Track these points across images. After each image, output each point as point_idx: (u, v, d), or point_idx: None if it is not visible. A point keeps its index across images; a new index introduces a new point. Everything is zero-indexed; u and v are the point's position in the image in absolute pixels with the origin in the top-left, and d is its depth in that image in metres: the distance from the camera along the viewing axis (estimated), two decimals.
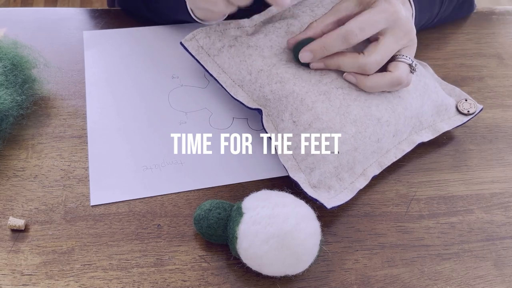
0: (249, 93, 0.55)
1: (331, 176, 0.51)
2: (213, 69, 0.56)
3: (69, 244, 0.48)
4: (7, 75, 0.53)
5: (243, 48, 0.56)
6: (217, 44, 0.57)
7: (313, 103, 0.52)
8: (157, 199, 0.52)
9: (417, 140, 0.57)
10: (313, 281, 0.48)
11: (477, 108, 0.60)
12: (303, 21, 0.58)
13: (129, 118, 0.58)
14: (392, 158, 0.55)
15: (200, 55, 0.57)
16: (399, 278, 0.49)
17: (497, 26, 0.75)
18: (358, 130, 0.52)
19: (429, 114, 0.58)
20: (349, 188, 0.52)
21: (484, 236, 0.53)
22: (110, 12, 0.69)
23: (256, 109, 0.54)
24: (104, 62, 0.63)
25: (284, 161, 0.52)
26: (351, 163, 0.52)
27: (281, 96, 0.53)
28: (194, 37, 0.58)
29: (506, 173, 0.58)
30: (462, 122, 0.59)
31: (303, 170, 0.51)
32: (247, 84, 0.55)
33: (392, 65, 0.53)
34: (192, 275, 0.47)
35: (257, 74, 0.54)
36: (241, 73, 0.55)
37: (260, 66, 0.54)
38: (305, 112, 0.52)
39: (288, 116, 0.52)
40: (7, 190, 0.51)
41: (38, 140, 0.55)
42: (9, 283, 0.45)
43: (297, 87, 0.53)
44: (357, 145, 0.52)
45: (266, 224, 0.44)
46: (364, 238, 0.51)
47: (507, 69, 0.69)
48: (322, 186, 0.51)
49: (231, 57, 0.56)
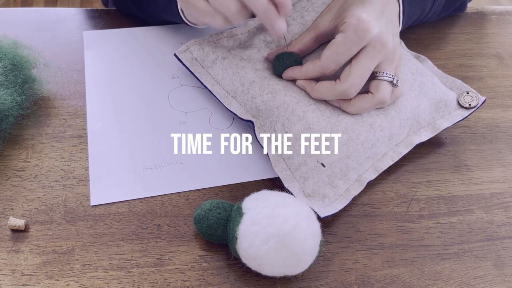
0: (242, 104, 0.55)
1: (324, 184, 0.51)
2: (207, 80, 0.57)
3: (69, 244, 0.48)
4: (7, 75, 0.53)
5: (236, 60, 0.56)
6: (210, 56, 0.57)
7: (304, 113, 0.52)
8: (157, 199, 0.52)
9: (415, 141, 0.56)
10: (313, 281, 0.48)
11: (479, 100, 0.59)
12: (293, 32, 0.58)
13: (129, 118, 0.58)
14: (389, 161, 0.55)
15: (194, 67, 0.57)
16: (399, 278, 0.49)
17: (497, 26, 0.75)
18: (350, 137, 0.52)
19: (427, 113, 0.58)
20: (344, 196, 0.52)
21: (484, 236, 0.53)
22: (110, 12, 0.69)
23: (248, 120, 0.54)
24: (104, 62, 0.63)
25: (279, 171, 0.52)
26: (344, 170, 0.52)
27: (273, 107, 0.53)
28: (188, 49, 0.58)
29: (506, 173, 0.58)
30: (463, 116, 0.58)
31: (297, 180, 0.52)
32: (240, 95, 0.55)
33: (373, 85, 0.52)
34: (192, 275, 0.47)
35: (249, 85, 0.55)
36: (234, 84, 0.55)
37: (252, 77, 0.55)
38: (296, 122, 0.52)
39: (280, 127, 0.52)
40: (7, 190, 0.51)
41: (38, 140, 0.55)
42: (9, 283, 0.45)
43: (288, 98, 0.53)
44: (350, 153, 0.52)
45: (266, 224, 0.44)
46: (364, 238, 0.51)
47: (507, 69, 0.69)
48: (316, 195, 0.51)
49: (224, 68, 0.56)
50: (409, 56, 0.61)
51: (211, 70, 0.57)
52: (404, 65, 0.58)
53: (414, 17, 0.62)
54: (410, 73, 0.58)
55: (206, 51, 0.57)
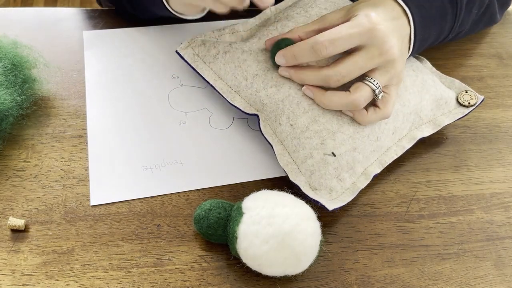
0: (245, 98, 0.55)
1: (331, 177, 0.51)
2: (209, 76, 0.56)
3: (69, 244, 0.48)
4: (7, 75, 0.53)
5: (237, 53, 0.56)
6: (212, 51, 0.57)
7: (310, 106, 0.52)
8: (157, 199, 0.52)
9: (417, 136, 0.57)
10: (313, 281, 0.48)
11: (478, 99, 0.60)
12: (297, 22, 0.58)
13: (129, 118, 0.58)
14: (393, 155, 0.55)
15: (196, 63, 0.57)
16: (399, 278, 0.49)
17: (497, 26, 0.75)
18: (356, 130, 0.52)
19: (429, 109, 0.58)
20: (351, 189, 0.52)
21: (484, 236, 0.53)
22: (110, 12, 0.69)
23: (253, 114, 0.54)
24: (104, 62, 0.63)
25: (284, 165, 0.52)
26: (350, 163, 0.52)
27: (277, 100, 0.53)
28: (189, 45, 0.58)
29: (506, 173, 0.58)
30: (463, 114, 0.59)
31: (303, 173, 0.51)
32: (243, 89, 0.55)
33: (354, 86, 0.50)
34: (192, 275, 0.47)
35: (253, 79, 0.54)
36: (237, 79, 0.55)
37: (255, 71, 0.54)
38: (302, 115, 0.52)
39: (285, 120, 0.52)
40: (7, 190, 0.51)
41: (38, 140, 0.55)
42: (9, 283, 0.45)
43: (293, 90, 0.53)
44: (356, 145, 0.52)
45: (266, 224, 0.44)
46: (364, 238, 0.51)
47: (507, 69, 0.69)
48: (323, 188, 0.51)
49: (226, 63, 0.56)
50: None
51: (213, 65, 0.56)
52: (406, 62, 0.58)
53: (431, 40, 0.58)
54: (412, 70, 0.58)
55: (207, 46, 0.57)
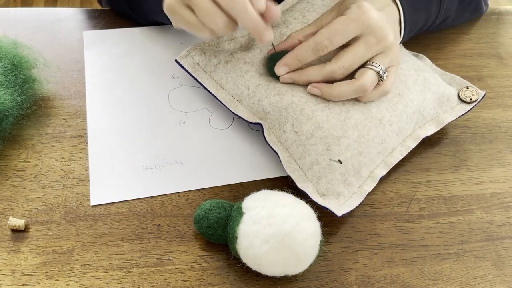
0: (248, 107, 0.55)
1: (338, 182, 0.51)
2: (211, 85, 0.56)
3: (69, 244, 0.48)
4: (7, 75, 0.53)
5: (239, 64, 0.56)
6: (213, 61, 0.56)
7: (313, 112, 0.52)
8: (157, 199, 0.52)
9: (421, 135, 0.57)
10: (313, 281, 0.48)
11: (479, 94, 0.60)
12: (294, 29, 0.58)
13: (129, 118, 0.58)
14: (398, 156, 0.55)
15: (196, 72, 0.57)
16: (399, 278, 0.49)
17: (497, 26, 0.75)
18: (361, 133, 0.52)
19: (431, 107, 0.58)
20: (358, 192, 0.52)
21: (484, 236, 0.53)
22: (110, 12, 0.69)
23: (256, 123, 0.54)
24: (104, 62, 0.63)
25: (291, 172, 0.52)
26: (357, 167, 0.52)
27: (281, 108, 0.53)
28: (189, 54, 0.57)
29: (506, 173, 0.58)
30: (465, 110, 0.59)
31: (310, 179, 0.51)
32: (246, 98, 0.55)
33: (359, 72, 0.52)
34: (192, 275, 0.47)
35: (255, 89, 0.54)
36: (239, 88, 0.55)
37: (257, 81, 0.54)
38: (306, 121, 0.52)
39: (289, 127, 0.52)
40: (7, 190, 0.51)
41: (38, 140, 0.55)
42: (9, 283, 0.45)
43: (296, 98, 0.53)
44: (361, 149, 0.52)
45: (266, 224, 0.44)
46: (364, 238, 0.51)
47: (507, 69, 0.69)
48: (331, 194, 0.51)
49: (227, 72, 0.55)
50: (409, 55, 0.62)
51: (214, 75, 0.56)
52: (406, 62, 0.59)
53: (420, 23, 0.61)
54: (413, 69, 0.58)
55: (207, 55, 0.57)
